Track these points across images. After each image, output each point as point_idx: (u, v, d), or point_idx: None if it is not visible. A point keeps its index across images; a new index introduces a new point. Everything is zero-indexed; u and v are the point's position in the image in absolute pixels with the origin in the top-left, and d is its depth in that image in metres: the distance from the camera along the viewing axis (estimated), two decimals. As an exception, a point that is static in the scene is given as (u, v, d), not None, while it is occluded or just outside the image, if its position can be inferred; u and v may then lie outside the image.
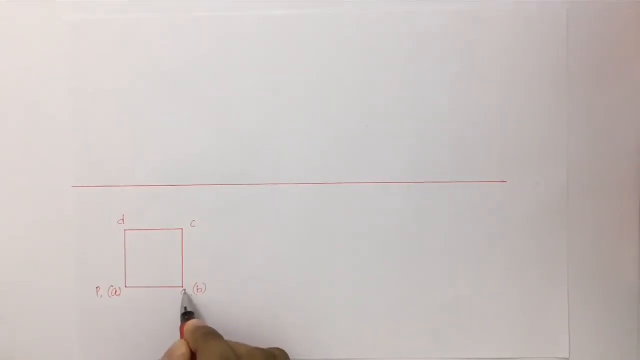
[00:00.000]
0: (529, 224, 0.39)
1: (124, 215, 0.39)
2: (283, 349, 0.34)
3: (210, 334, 0.34)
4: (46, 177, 0.39)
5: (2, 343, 0.40)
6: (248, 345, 0.34)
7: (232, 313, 0.39)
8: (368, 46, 0.39)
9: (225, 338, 0.34)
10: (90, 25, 0.39)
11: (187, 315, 0.38)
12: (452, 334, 0.39)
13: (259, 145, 0.39)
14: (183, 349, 0.34)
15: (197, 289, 0.39)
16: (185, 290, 0.39)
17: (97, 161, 0.39)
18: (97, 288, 0.39)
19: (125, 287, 0.39)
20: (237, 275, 0.39)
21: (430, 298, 0.39)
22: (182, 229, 0.39)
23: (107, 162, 0.39)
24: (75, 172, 0.39)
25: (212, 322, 0.39)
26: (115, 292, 0.39)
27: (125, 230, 0.39)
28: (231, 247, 0.39)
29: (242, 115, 0.39)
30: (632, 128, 0.39)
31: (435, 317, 0.39)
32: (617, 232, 0.39)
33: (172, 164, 0.39)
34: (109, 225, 0.39)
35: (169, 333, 0.39)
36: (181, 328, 0.37)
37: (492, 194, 0.39)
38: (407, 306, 0.39)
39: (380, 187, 0.39)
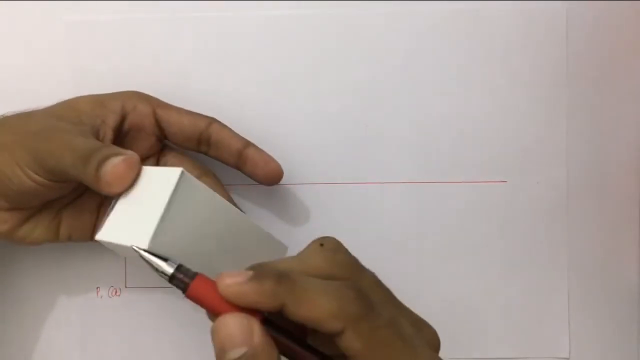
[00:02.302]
0: (529, 224, 0.39)
1: (124, 215, 0.39)
2: None
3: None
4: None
5: (2, 343, 0.40)
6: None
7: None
8: (368, 46, 0.39)
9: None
10: (90, 25, 0.39)
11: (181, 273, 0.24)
12: (451, 334, 0.39)
13: (258, 145, 0.39)
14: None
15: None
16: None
17: (97, 161, 0.39)
18: (97, 288, 0.39)
19: (125, 287, 0.39)
20: (237, 276, 0.39)
21: (430, 298, 0.39)
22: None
23: (107, 162, 0.39)
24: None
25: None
26: (115, 292, 0.39)
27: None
28: (231, 247, 0.39)
29: (242, 115, 0.39)
30: (632, 128, 0.39)
31: (435, 317, 0.39)
32: (617, 232, 0.39)
33: (172, 164, 0.39)
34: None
35: (169, 333, 0.39)
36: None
37: (492, 194, 0.39)
38: (407, 306, 0.39)
39: (381, 187, 0.39)
